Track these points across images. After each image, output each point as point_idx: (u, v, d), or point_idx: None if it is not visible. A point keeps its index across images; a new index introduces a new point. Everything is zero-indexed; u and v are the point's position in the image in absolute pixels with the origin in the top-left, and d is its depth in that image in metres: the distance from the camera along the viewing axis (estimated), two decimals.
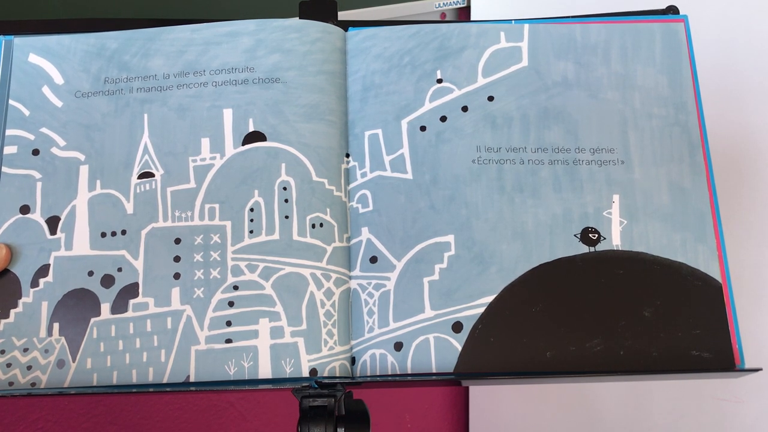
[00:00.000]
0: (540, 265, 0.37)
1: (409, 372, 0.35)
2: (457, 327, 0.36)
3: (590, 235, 0.38)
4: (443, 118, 0.39)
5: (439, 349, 0.36)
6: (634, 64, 0.40)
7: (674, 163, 0.39)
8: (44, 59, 0.40)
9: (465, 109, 0.39)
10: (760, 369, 0.35)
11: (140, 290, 0.36)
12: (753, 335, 0.47)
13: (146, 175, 0.38)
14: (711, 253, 0.38)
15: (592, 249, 0.37)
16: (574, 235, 0.37)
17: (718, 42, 0.56)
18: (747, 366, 0.36)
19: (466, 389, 0.76)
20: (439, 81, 0.40)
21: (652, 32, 0.41)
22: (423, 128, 0.39)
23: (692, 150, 0.39)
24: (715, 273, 0.37)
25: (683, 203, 0.38)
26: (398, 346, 0.36)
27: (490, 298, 0.36)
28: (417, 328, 0.36)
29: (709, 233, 0.38)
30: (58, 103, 0.39)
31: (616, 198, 0.38)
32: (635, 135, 0.39)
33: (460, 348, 0.36)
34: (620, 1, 0.47)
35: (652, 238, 0.37)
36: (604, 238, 0.37)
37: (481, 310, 0.36)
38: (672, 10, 0.43)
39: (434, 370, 0.35)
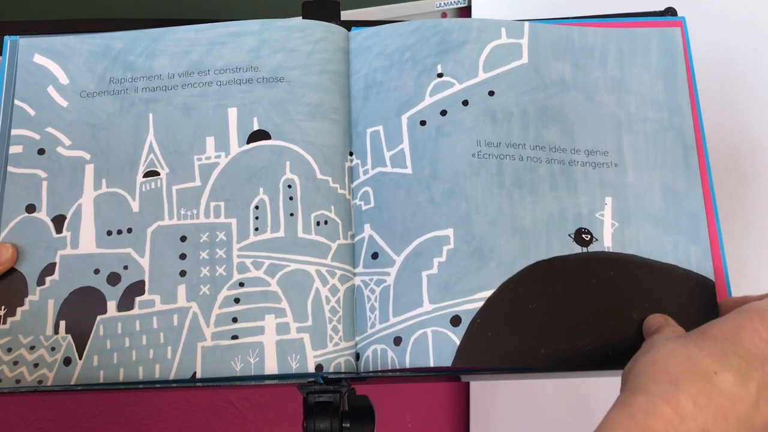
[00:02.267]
0: (537, 262, 0.37)
1: (408, 366, 0.36)
2: (455, 321, 0.36)
3: (583, 235, 0.38)
4: (443, 112, 0.40)
5: (437, 343, 0.36)
6: (630, 69, 0.41)
7: (667, 167, 0.39)
8: (49, 59, 0.40)
9: (465, 103, 0.40)
10: None
11: (146, 288, 0.37)
12: None
13: (152, 173, 0.38)
14: (704, 254, 0.38)
15: (584, 249, 0.38)
16: (569, 235, 0.38)
17: (716, 42, 0.57)
18: None
19: (467, 388, 0.77)
20: (440, 75, 0.40)
21: (648, 37, 0.42)
22: (423, 123, 0.39)
23: (686, 153, 0.40)
24: (708, 273, 0.38)
25: (676, 206, 0.39)
26: (397, 340, 0.36)
27: (489, 293, 0.37)
28: (415, 322, 0.36)
29: (703, 235, 0.38)
30: (64, 103, 0.40)
31: (608, 200, 0.39)
32: (629, 138, 0.40)
33: (458, 342, 0.36)
34: (619, 1, 0.48)
35: (643, 240, 0.38)
36: (596, 240, 0.38)
37: (480, 304, 0.36)
38: (670, 12, 0.43)
39: (432, 365, 0.36)
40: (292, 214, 0.37)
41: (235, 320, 0.36)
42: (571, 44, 0.41)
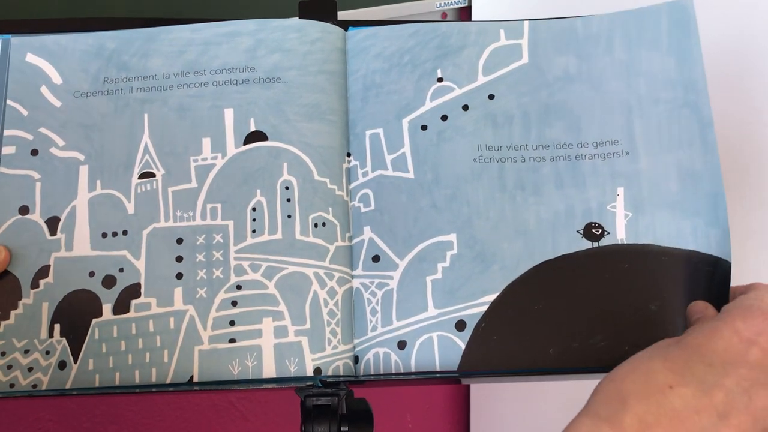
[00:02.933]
0: (542, 262, 0.37)
1: (413, 370, 0.36)
2: (460, 325, 0.36)
3: (593, 230, 0.37)
4: (444, 117, 0.39)
5: (442, 348, 0.36)
6: (639, 50, 0.39)
7: (683, 147, 0.38)
8: (42, 59, 0.40)
9: (466, 107, 0.39)
10: None
11: (142, 290, 0.36)
12: None
13: (147, 175, 0.38)
14: (723, 235, 0.36)
15: (595, 244, 0.37)
16: (577, 231, 0.37)
17: (719, 39, 0.56)
18: None
19: (467, 389, 0.77)
20: (440, 80, 0.40)
21: (657, 14, 0.40)
22: (424, 127, 0.39)
23: (703, 129, 0.38)
24: (727, 255, 0.36)
25: (694, 188, 0.37)
26: (402, 344, 0.36)
27: (492, 297, 0.36)
28: (421, 326, 0.36)
29: (722, 215, 0.37)
30: (57, 103, 0.39)
31: (620, 191, 0.38)
32: (641, 123, 0.38)
33: (463, 346, 0.36)
34: (622, 0, 0.47)
35: (659, 228, 0.37)
36: (608, 233, 0.37)
37: (484, 308, 0.36)
38: None
39: (438, 369, 0.36)
40: (289, 216, 0.37)
41: (232, 323, 0.36)
42: (574, 35, 0.40)
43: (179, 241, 0.37)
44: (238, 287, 0.36)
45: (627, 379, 0.28)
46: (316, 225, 0.37)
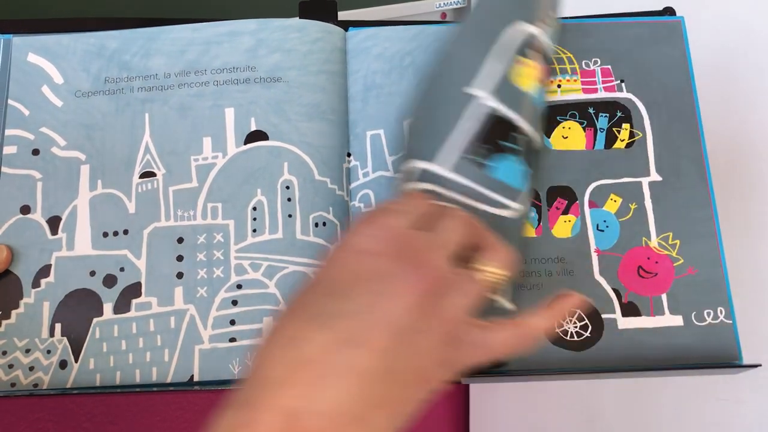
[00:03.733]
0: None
1: None
2: None
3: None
4: None
5: None
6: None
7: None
8: (43, 59, 0.40)
9: None
10: (760, 365, 0.35)
11: (143, 290, 0.36)
12: (753, 333, 0.47)
13: (148, 174, 0.38)
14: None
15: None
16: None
17: (716, 42, 0.57)
18: (745, 362, 0.36)
19: (466, 389, 0.77)
20: None
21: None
22: None
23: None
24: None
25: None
26: None
27: None
28: None
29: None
30: (58, 103, 0.39)
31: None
32: None
33: None
34: (618, 1, 0.47)
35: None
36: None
37: None
38: (668, 11, 0.43)
39: None
40: (290, 216, 0.37)
41: (232, 323, 0.36)
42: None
43: (180, 240, 0.37)
44: (239, 286, 0.36)
45: (262, 346, 0.24)
46: (316, 224, 0.37)
